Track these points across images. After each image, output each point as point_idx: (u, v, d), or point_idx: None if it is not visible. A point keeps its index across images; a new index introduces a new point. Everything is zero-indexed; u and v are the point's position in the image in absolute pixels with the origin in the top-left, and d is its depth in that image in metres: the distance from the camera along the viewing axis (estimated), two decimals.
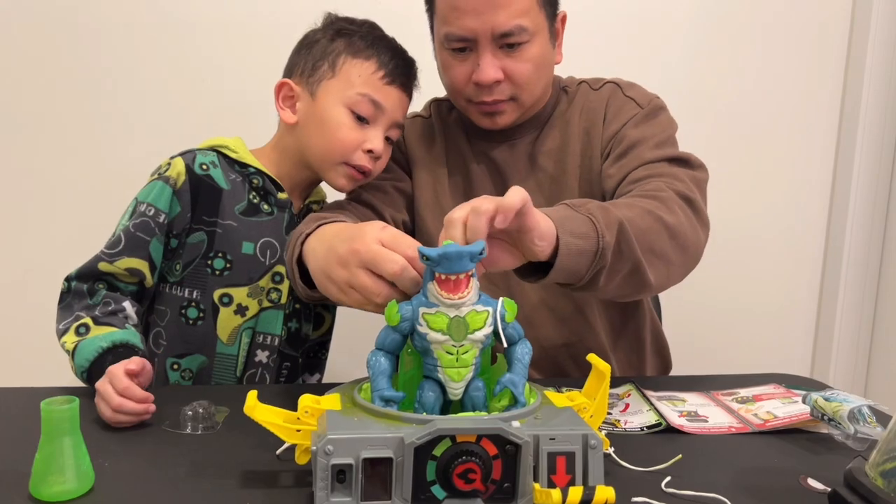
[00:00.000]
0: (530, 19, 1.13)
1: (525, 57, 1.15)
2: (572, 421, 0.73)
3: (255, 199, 1.21)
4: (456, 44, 1.15)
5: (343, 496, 0.67)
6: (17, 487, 0.74)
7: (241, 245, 1.19)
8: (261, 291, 1.20)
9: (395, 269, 0.80)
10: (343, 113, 1.15)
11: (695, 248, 1.04)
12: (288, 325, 1.24)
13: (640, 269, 0.94)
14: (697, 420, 0.97)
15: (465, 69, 1.16)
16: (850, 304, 2.08)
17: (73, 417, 0.74)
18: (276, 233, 1.21)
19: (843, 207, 2.05)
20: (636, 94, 1.23)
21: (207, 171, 1.18)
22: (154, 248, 1.14)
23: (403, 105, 1.20)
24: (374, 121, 1.16)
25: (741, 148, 2.02)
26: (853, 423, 0.87)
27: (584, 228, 0.88)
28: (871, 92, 1.98)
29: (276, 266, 1.21)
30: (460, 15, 1.12)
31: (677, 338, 1.63)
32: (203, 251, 1.18)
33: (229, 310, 1.19)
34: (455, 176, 1.28)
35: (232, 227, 1.19)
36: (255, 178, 1.21)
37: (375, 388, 0.75)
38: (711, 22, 1.96)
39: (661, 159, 1.12)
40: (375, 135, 1.16)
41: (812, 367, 2.16)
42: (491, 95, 1.16)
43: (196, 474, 0.80)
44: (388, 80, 1.16)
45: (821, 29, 2.00)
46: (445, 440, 0.68)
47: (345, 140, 1.15)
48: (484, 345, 0.76)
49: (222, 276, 1.18)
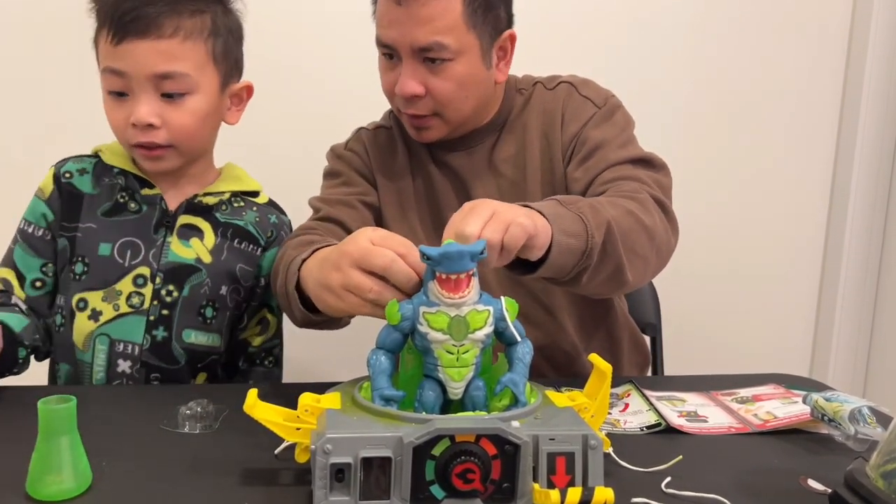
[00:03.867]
0: (454, 37, 1.11)
1: (447, 74, 1.13)
2: (572, 421, 0.73)
3: (122, 199, 1.16)
4: (384, 49, 1.16)
5: (342, 495, 0.67)
6: (13, 487, 0.74)
7: (98, 247, 1.14)
8: (117, 295, 1.13)
9: (385, 262, 0.80)
10: (107, 98, 1.10)
11: (667, 250, 1.08)
12: (152, 333, 1.14)
13: (622, 269, 0.97)
14: (697, 420, 0.97)
15: (393, 77, 1.16)
16: (850, 304, 2.08)
17: (70, 416, 0.73)
18: (140, 231, 1.15)
19: (843, 207, 2.04)
20: (591, 93, 1.23)
21: (70, 179, 1.16)
22: (19, 257, 1.16)
23: (158, 51, 1.05)
24: (129, 90, 1.07)
25: (740, 146, 2.02)
26: (853, 424, 0.87)
27: (576, 227, 0.90)
28: (871, 90, 1.98)
29: (139, 268, 1.14)
30: (385, 24, 1.14)
31: (676, 337, 1.64)
32: (67, 257, 1.14)
33: (84, 314, 1.13)
34: (419, 187, 1.28)
35: (91, 230, 1.14)
36: (120, 178, 1.16)
37: (376, 386, 0.75)
38: (711, 20, 1.96)
39: (625, 161, 1.14)
40: (134, 105, 1.07)
41: (811, 368, 2.16)
42: (412, 109, 1.16)
43: (194, 473, 0.79)
44: (116, 41, 1.05)
45: (821, 26, 2.00)
46: (444, 440, 0.67)
47: (114, 126, 1.10)
48: (484, 344, 0.75)
49: (81, 281, 1.14)
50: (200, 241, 1.17)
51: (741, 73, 1.98)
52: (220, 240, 1.19)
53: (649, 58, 1.94)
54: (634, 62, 1.92)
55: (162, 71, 1.06)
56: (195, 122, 1.10)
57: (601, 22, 1.91)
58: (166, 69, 1.06)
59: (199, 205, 1.18)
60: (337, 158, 1.31)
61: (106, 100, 1.10)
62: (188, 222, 1.17)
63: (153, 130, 1.08)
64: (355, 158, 1.29)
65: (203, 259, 1.17)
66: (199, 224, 1.18)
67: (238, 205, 1.22)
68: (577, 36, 1.88)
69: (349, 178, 1.27)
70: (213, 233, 1.19)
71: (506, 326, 0.76)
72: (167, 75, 1.07)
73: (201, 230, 1.18)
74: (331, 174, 1.30)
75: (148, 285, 1.14)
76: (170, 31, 1.06)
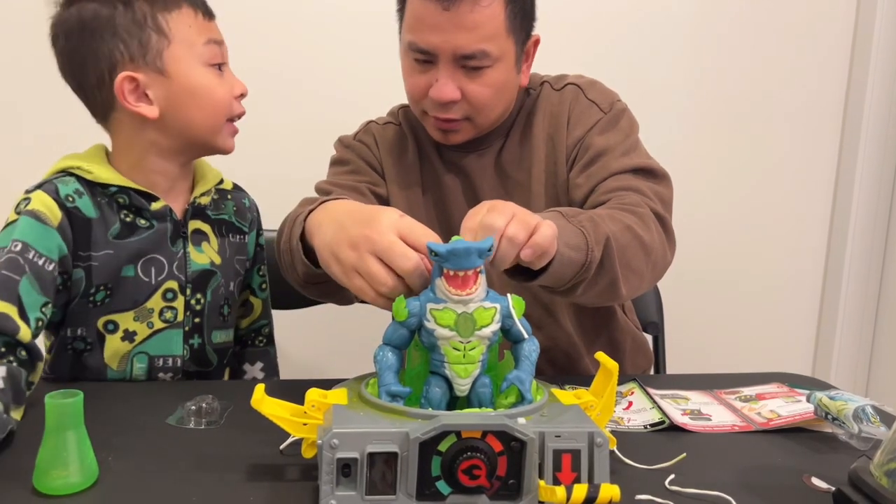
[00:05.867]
0: (495, 45, 1.10)
1: (485, 81, 1.12)
2: (578, 418, 0.73)
3: (127, 218, 1.08)
4: (418, 55, 1.13)
5: (348, 490, 0.67)
6: (20, 480, 0.74)
7: (121, 270, 1.07)
8: (149, 313, 1.10)
9: (409, 267, 0.78)
10: (205, 73, 1.06)
11: (662, 265, 1.09)
12: (189, 342, 1.14)
13: (616, 283, 0.99)
14: (701, 418, 0.97)
15: (425, 81, 1.14)
16: (852, 304, 2.08)
17: (78, 411, 0.74)
18: (159, 247, 1.10)
19: (846, 205, 2.05)
20: (598, 97, 1.22)
21: (74, 203, 1.04)
22: (26, 291, 0.96)
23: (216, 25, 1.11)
24: (224, 62, 1.10)
25: (744, 146, 2.02)
26: (857, 423, 0.87)
27: (577, 240, 0.91)
28: (874, 93, 1.98)
29: (167, 283, 1.11)
30: (424, 28, 1.09)
31: (679, 336, 1.64)
32: (83, 288, 1.06)
33: (115, 336, 1.09)
34: (428, 188, 1.27)
35: (109, 257, 1.06)
36: (120, 198, 1.08)
37: (382, 382, 0.75)
38: (715, 19, 1.96)
39: (627, 170, 1.14)
40: (232, 76, 1.10)
41: (813, 367, 2.16)
42: (446, 113, 1.15)
43: (200, 469, 0.79)
44: (208, 17, 1.09)
45: (825, 26, 2.00)
46: (451, 436, 0.68)
47: (221, 99, 1.08)
48: (491, 341, 0.76)
49: (103, 305, 1.08)
50: (209, 245, 1.17)
51: (743, 75, 1.99)
52: (219, 238, 1.19)
53: (649, 59, 1.94)
54: (635, 64, 1.92)
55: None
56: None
57: (601, 23, 1.91)
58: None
59: (199, 208, 1.16)
60: (346, 148, 1.30)
61: (206, 74, 1.07)
62: (196, 228, 1.16)
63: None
64: (365, 149, 1.28)
65: (215, 261, 1.17)
66: (203, 228, 1.17)
67: (216, 198, 1.20)
68: (577, 36, 1.88)
69: (358, 166, 1.26)
70: (213, 233, 1.18)
71: (512, 324, 0.77)
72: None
73: (206, 233, 1.17)
74: (339, 162, 1.29)
75: (179, 298, 1.12)
76: None
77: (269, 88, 1.73)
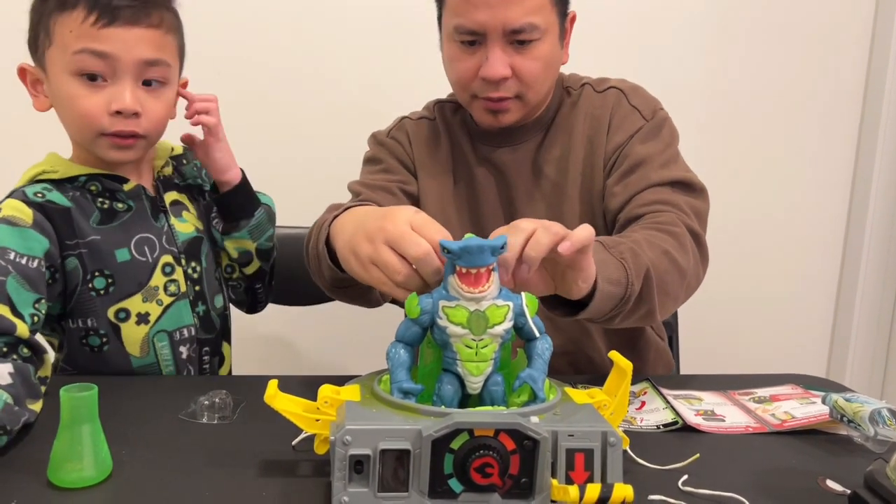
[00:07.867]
0: (542, 17, 1.11)
1: (534, 55, 1.13)
2: (591, 418, 0.73)
3: (104, 206, 1.10)
4: (465, 36, 1.13)
5: (360, 487, 0.67)
6: (35, 473, 0.75)
7: (115, 255, 1.09)
8: (155, 291, 1.12)
9: (419, 252, 0.79)
10: (70, 82, 1.02)
11: (695, 285, 1.11)
12: (195, 310, 1.17)
13: (653, 311, 1.00)
14: (714, 419, 0.97)
15: (473, 63, 1.14)
16: (867, 305, 2.07)
17: (92, 405, 0.74)
18: (143, 225, 1.12)
19: (863, 206, 2.03)
20: (640, 103, 1.21)
21: (45, 198, 1.05)
22: (14, 290, 0.96)
23: (147, 39, 1.04)
24: (111, 75, 1.02)
25: (760, 146, 2.01)
26: (873, 426, 0.86)
27: (618, 275, 0.92)
28: (893, 94, 1.96)
29: (162, 258, 1.13)
30: (472, 8, 1.10)
31: (693, 337, 1.63)
32: (81, 276, 1.07)
33: (130, 323, 1.10)
34: (460, 182, 1.27)
35: (97, 242, 1.08)
36: (92, 185, 1.10)
37: (395, 379, 0.75)
38: (732, 20, 1.95)
39: (665, 182, 1.14)
40: (118, 91, 1.02)
41: (828, 369, 2.15)
42: (497, 92, 1.15)
43: (213, 464, 0.80)
44: (104, 23, 1.00)
45: (843, 26, 1.99)
46: (463, 434, 0.67)
47: (84, 112, 1.03)
48: (504, 339, 0.75)
49: (108, 294, 1.09)
50: (189, 213, 1.21)
51: (761, 72, 1.97)
52: (195, 204, 1.23)
53: (669, 57, 1.93)
54: (654, 61, 1.91)
55: (151, 58, 1.04)
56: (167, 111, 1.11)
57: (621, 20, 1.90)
58: (154, 56, 1.05)
59: (167, 180, 1.19)
60: (379, 145, 1.31)
61: (72, 84, 1.03)
62: (173, 199, 1.19)
63: (135, 119, 1.04)
64: (397, 147, 1.29)
65: (198, 227, 1.21)
66: (179, 198, 1.20)
67: (175, 165, 1.23)
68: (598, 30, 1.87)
69: (390, 165, 1.27)
70: (188, 201, 1.22)
71: (525, 322, 0.76)
72: (155, 62, 1.05)
73: (183, 203, 1.21)
74: (372, 160, 1.30)
75: (177, 269, 1.15)
76: (157, 21, 1.05)
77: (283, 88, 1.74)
